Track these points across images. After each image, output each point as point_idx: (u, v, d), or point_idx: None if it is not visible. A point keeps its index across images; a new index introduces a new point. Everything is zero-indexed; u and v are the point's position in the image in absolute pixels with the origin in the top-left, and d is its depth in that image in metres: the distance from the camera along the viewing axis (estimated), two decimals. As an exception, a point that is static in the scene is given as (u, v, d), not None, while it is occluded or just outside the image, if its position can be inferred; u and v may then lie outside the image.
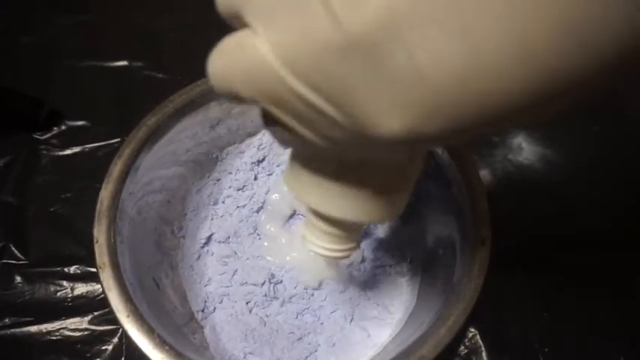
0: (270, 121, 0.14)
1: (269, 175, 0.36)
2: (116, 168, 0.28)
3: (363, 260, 0.33)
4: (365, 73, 0.10)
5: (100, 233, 0.26)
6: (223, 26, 0.14)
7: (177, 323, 0.29)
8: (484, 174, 0.39)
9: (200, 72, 0.33)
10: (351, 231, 0.22)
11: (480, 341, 0.32)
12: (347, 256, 0.24)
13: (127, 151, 0.29)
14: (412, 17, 0.09)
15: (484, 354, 0.31)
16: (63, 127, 0.39)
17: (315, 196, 0.19)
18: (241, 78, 0.12)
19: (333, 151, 0.15)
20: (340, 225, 0.21)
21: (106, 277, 0.25)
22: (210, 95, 0.32)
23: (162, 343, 0.23)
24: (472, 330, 0.32)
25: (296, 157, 0.19)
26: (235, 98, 0.13)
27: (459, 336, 0.31)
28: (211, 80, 0.14)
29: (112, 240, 0.26)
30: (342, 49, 0.10)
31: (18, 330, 0.31)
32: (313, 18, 0.10)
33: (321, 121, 0.12)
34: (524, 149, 0.40)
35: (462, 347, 0.32)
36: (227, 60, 0.13)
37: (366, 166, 0.17)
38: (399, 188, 0.19)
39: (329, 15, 0.10)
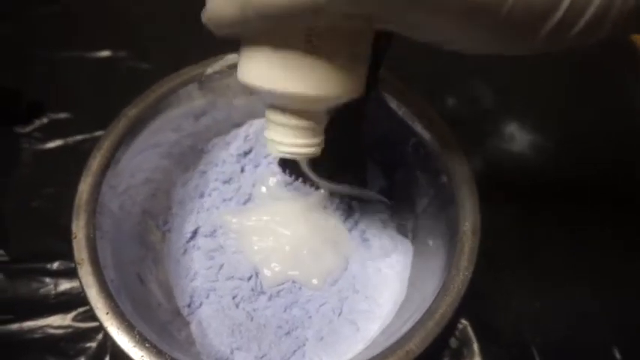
0: None
1: (256, 166, 0.35)
2: (95, 161, 0.27)
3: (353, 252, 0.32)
4: None
5: (78, 228, 0.25)
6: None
7: (162, 320, 0.28)
8: (476, 163, 0.38)
9: (185, 61, 0.33)
10: (313, 119, 0.23)
11: (472, 333, 0.32)
12: (314, 153, 0.24)
13: (106, 144, 0.28)
14: None
15: (475, 345, 0.31)
16: (45, 120, 0.38)
17: (278, 78, 0.20)
18: None
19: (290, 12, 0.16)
20: (303, 114, 0.22)
21: (85, 273, 0.24)
22: (193, 84, 0.31)
23: (142, 340, 0.22)
24: (463, 322, 0.32)
25: (258, 45, 0.20)
26: None
27: (449, 328, 0.30)
28: None
29: (92, 235, 0.25)
30: None
31: (-1, 328, 0.30)
32: None
33: None
34: (516, 138, 0.40)
35: (453, 339, 0.31)
36: None
37: (326, 36, 0.19)
38: (356, 60, 0.20)
39: None
